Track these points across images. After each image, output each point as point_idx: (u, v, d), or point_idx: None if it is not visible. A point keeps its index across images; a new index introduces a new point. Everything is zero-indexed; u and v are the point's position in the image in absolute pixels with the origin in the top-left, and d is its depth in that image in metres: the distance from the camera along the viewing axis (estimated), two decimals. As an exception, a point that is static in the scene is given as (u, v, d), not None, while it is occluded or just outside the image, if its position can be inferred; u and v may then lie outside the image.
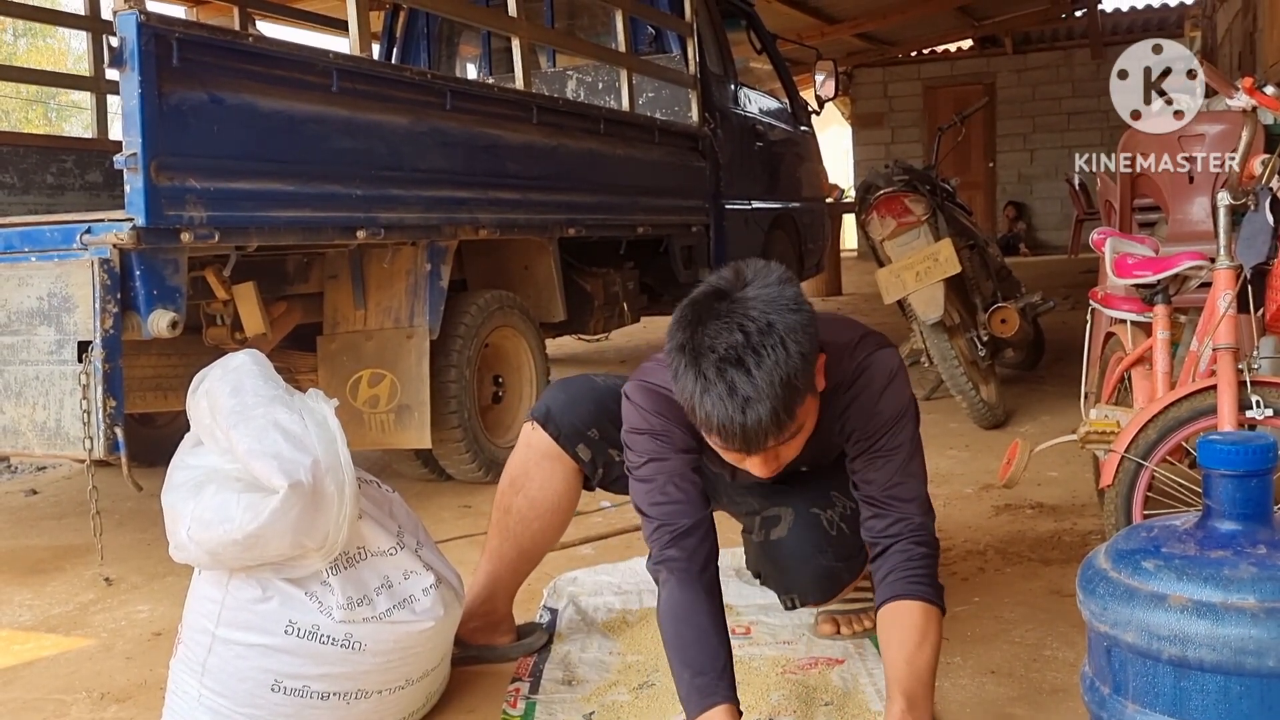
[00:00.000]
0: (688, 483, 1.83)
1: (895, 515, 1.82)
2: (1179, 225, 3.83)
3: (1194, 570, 1.16)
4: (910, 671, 1.69)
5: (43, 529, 3.57)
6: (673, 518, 1.81)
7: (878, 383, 1.83)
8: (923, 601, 1.75)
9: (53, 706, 2.13)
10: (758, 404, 1.54)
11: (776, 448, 1.64)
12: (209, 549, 1.65)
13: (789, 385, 1.55)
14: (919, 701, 1.67)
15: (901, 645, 1.72)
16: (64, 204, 4.23)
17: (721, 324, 1.57)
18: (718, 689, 1.68)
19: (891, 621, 1.76)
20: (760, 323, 1.56)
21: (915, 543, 1.80)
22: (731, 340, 1.55)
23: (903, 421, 1.84)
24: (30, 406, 2.52)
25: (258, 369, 1.81)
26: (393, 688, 1.82)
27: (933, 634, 1.73)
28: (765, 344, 1.55)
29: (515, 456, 2.18)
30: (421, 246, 3.44)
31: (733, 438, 1.58)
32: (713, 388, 1.55)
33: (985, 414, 4.27)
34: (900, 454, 1.83)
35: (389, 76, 3.32)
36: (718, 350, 1.55)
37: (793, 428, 1.61)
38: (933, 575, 1.79)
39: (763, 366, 1.54)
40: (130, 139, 2.48)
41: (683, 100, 5.47)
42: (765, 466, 1.68)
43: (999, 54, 14.89)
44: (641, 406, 1.85)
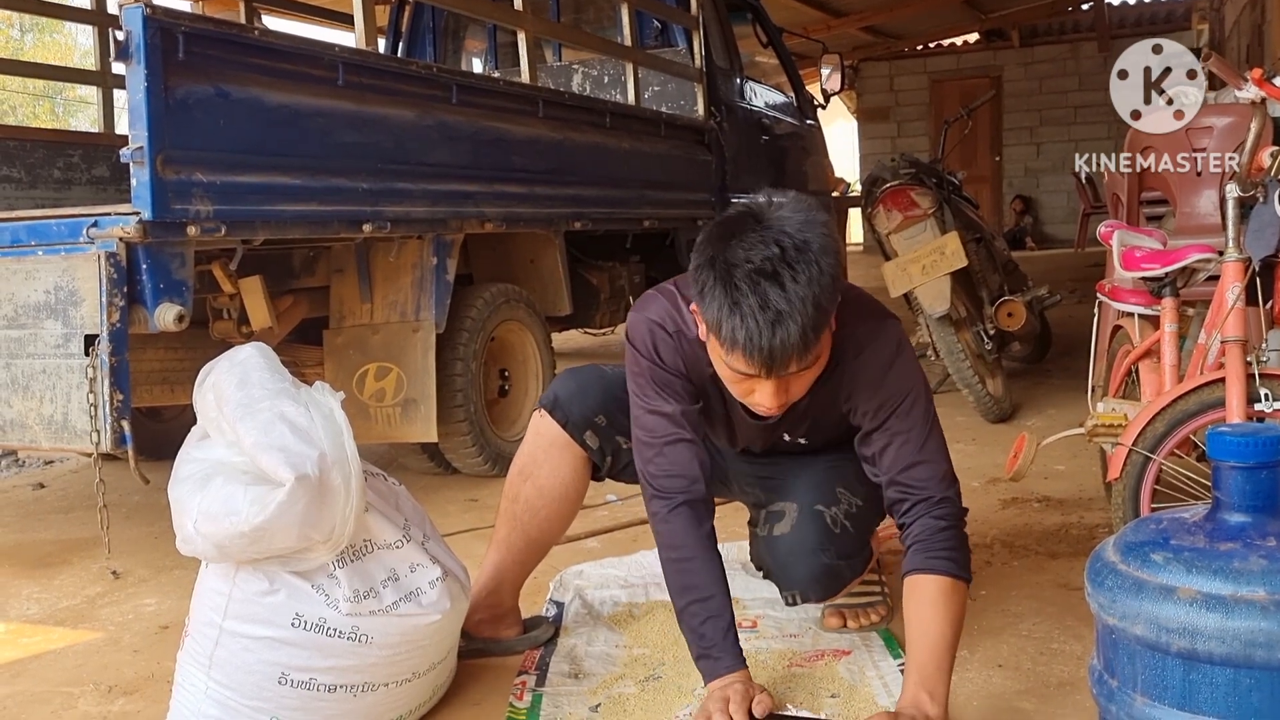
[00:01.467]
0: (687, 450, 1.86)
1: (915, 496, 1.81)
2: (1187, 218, 3.83)
3: (1203, 563, 1.16)
4: (925, 645, 1.71)
5: (50, 523, 3.58)
6: (674, 485, 1.86)
7: (885, 353, 1.81)
8: (938, 575, 1.75)
9: (60, 699, 2.13)
10: (789, 319, 1.54)
11: (791, 375, 1.64)
12: (216, 542, 1.65)
13: (819, 305, 1.56)
14: (930, 671, 1.69)
15: (918, 620, 1.74)
16: (71, 198, 4.23)
17: (756, 237, 1.57)
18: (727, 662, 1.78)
19: (909, 597, 1.78)
20: (796, 239, 1.57)
21: (934, 517, 1.79)
22: (767, 253, 1.55)
23: (912, 398, 1.82)
24: (37, 400, 2.53)
25: (264, 362, 1.81)
26: (399, 680, 1.82)
27: (948, 606, 1.74)
28: (801, 260, 1.56)
29: (524, 445, 2.19)
30: (427, 240, 3.44)
31: (758, 353, 1.56)
32: (745, 300, 1.55)
33: (991, 408, 4.26)
34: (914, 434, 1.81)
35: (395, 70, 3.31)
36: (753, 261, 1.55)
37: (814, 352, 1.62)
38: (952, 547, 1.78)
39: (798, 281, 1.54)
40: (136, 133, 2.47)
41: (689, 94, 5.46)
42: (776, 396, 1.66)
43: (1005, 47, 14.86)
44: (638, 347, 1.87)
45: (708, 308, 1.60)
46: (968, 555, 1.81)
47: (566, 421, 2.12)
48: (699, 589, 1.83)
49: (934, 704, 1.66)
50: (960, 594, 1.77)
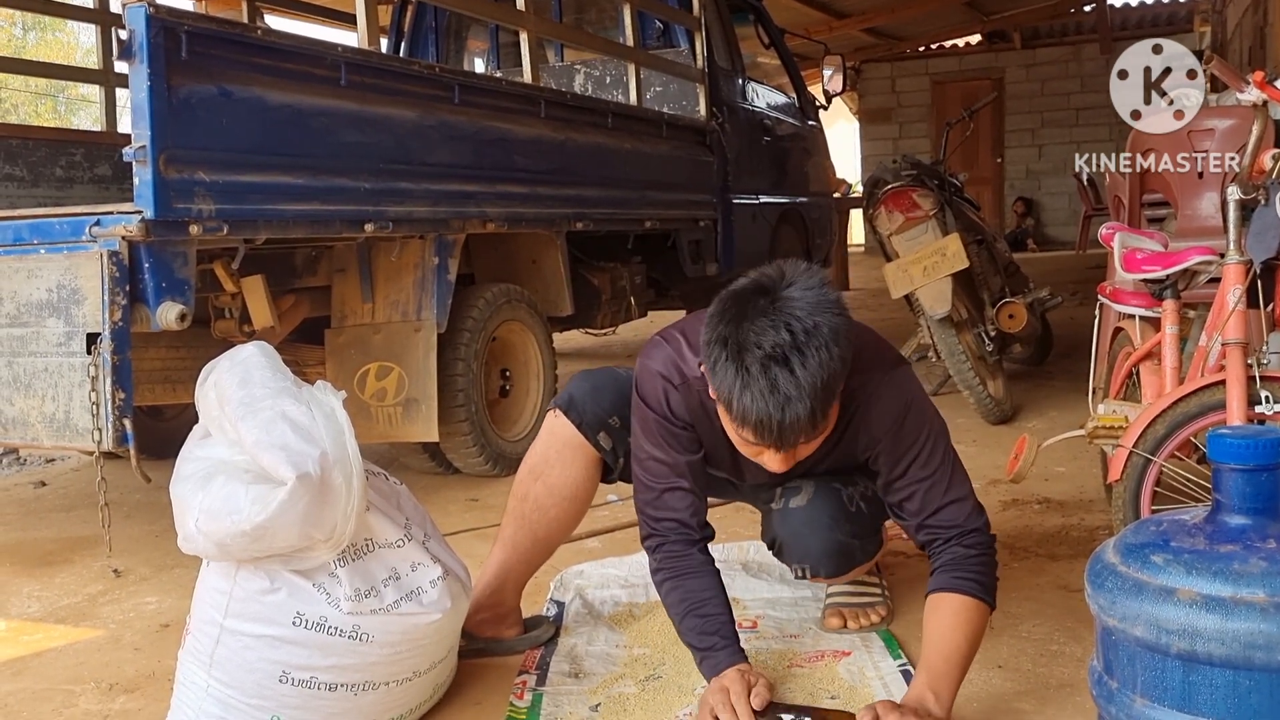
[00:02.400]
0: (686, 496, 1.94)
1: (946, 534, 1.86)
2: (1188, 220, 3.83)
3: (1203, 564, 1.16)
4: (938, 650, 1.75)
5: (51, 521, 3.59)
6: (668, 528, 1.94)
7: (897, 402, 1.85)
8: (960, 594, 1.79)
9: (61, 697, 2.13)
10: (798, 403, 1.58)
11: (800, 445, 1.69)
12: (217, 540, 1.65)
13: (828, 388, 1.61)
14: (939, 674, 1.72)
15: (935, 630, 1.78)
16: (73, 197, 4.24)
17: (767, 321, 1.60)
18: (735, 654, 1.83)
19: (929, 613, 1.82)
20: (806, 324, 1.60)
21: (965, 546, 1.85)
22: (778, 339, 1.59)
23: (931, 444, 1.86)
24: (39, 398, 2.53)
25: (266, 361, 1.82)
26: (400, 679, 1.82)
27: (967, 621, 1.77)
28: (811, 345, 1.59)
29: (537, 445, 2.19)
30: (429, 240, 3.44)
31: (767, 434, 1.62)
32: (754, 383, 1.59)
33: (992, 409, 4.26)
34: (937, 477, 1.86)
35: (397, 70, 3.32)
36: (764, 347, 1.59)
37: (821, 427, 1.66)
38: (979, 573, 1.82)
39: (807, 367, 1.58)
40: (139, 131, 2.48)
41: (690, 95, 5.46)
42: (784, 463, 1.72)
43: (1007, 49, 14.87)
44: (644, 399, 1.93)
45: (719, 383, 1.65)
46: (994, 581, 1.85)
47: (581, 422, 2.12)
48: (696, 597, 1.89)
49: (938, 705, 1.69)
50: (981, 615, 1.80)
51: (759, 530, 2.28)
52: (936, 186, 4.37)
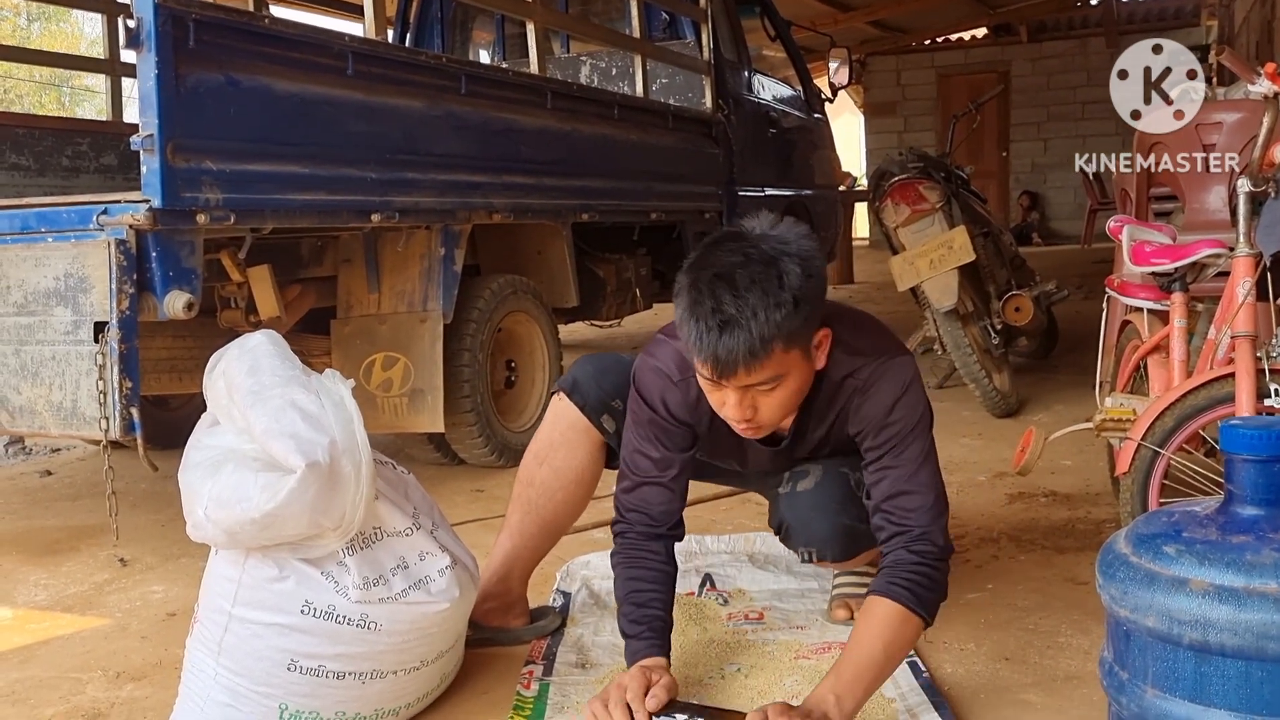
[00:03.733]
0: (665, 491, 1.94)
1: (896, 526, 1.81)
2: (1196, 214, 3.81)
3: (1216, 555, 1.16)
4: (853, 656, 1.69)
5: (57, 509, 3.59)
6: (640, 520, 1.94)
7: (893, 389, 1.83)
8: (893, 601, 1.72)
9: (69, 685, 2.14)
10: (735, 325, 1.59)
11: (752, 390, 1.68)
12: (226, 528, 1.65)
13: (771, 317, 1.59)
14: (847, 680, 1.65)
15: (857, 634, 1.72)
16: (79, 186, 4.24)
17: (729, 247, 1.64)
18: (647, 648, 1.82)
19: (861, 612, 1.78)
20: (765, 253, 1.62)
21: (911, 551, 1.77)
22: (731, 260, 1.62)
23: (914, 433, 1.83)
24: (46, 387, 2.53)
25: (274, 349, 1.81)
26: (407, 668, 1.82)
27: (892, 630, 1.70)
28: (764, 273, 1.61)
29: (541, 430, 2.20)
30: (435, 230, 3.44)
31: (707, 355, 1.62)
32: (702, 301, 1.61)
33: (998, 402, 4.26)
34: (908, 466, 1.82)
35: (404, 60, 3.32)
36: (715, 267, 1.62)
37: (767, 367, 1.64)
38: (917, 583, 1.74)
39: (752, 290, 1.59)
40: (147, 120, 2.48)
41: (696, 86, 5.45)
42: (740, 409, 1.70)
43: (1013, 42, 14.82)
44: (641, 393, 1.93)
45: (675, 311, 1.67)
46: (934, 595, 1.76)
47: (584, 405, 2.12)
48: (637, 586, 1.89)
49: (838, 711, 1.62)
50: (909, 626, 1.73)
51: (765, 522, 2.29)
52: (943, 179, 4.36)
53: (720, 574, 2.54)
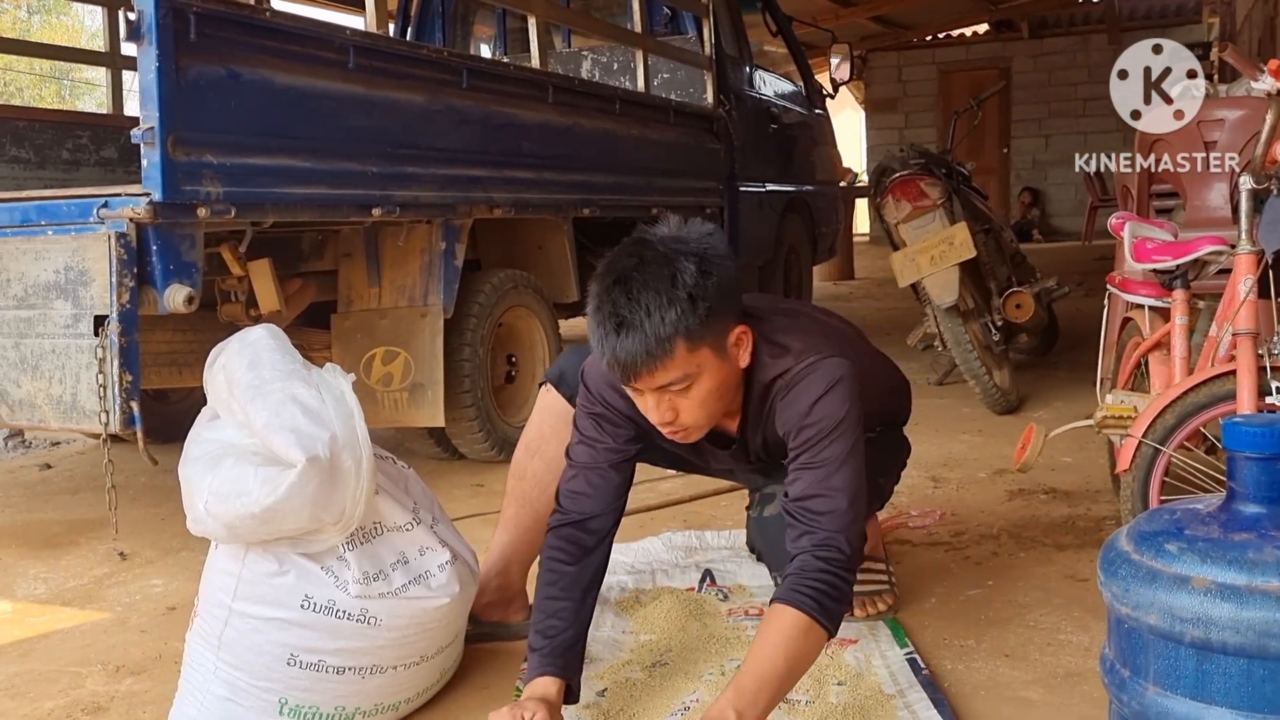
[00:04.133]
0: (601, 478, 1.88)
1: (803, 527, 1.72)
2: (1197, 211, 3.81)
3: (1218, 553, 1.15)
4: (752, 669, 1.61)
5: (57, 503, 3.59)
6: (575, 507, 1.88)
7: (815, 389, 1.76)
8: (797, 610, 1.64)
9: (68, 678, 2.14)
10: (628, 328, 1.60)
11: (668, 393, 1.68)
12: (226, 522, 1.65)
13: (666, 316, 1.60)
14: (748, 695, 1.58)
15: (758, 646, 1.64)
16: (79, 179, 4.23)
17: (627, 251, 1.66)
18: (548, 665, 1.74)
19: (765, 619, 1.68)
20: (660, 254, 1.64)
21: (816, 556, 1.68)
22: (627, 264, 1.63)
23: (832, 436, 1.75)
24: (46, 380, 2.53)
25: (275, 343, 1.81)
26: (407, 663, 1.82)
27: (793, 641, 1.63)
28: (657, 273, 1.62)
29: (531, 422, 2.20)
30: (436, 225, 3.44)
31: (608, 358, 1.64)
32: (601, 306, 1.64)
33: (998, 399, 4.26)
34: (826, 468, 1.74)
35: (405, 54, 3.32)
36: (614, 273, 1.64)
37: (671, 366, 1.64)
38: (821, 591, 1.65)
39: (643, 292, 1.60)
40: (147, 113, 2.47)
41: (698, 82, 5.45)
42: (659, 411, 1.70)
43: (1015, 39, 14.80)
44: (590, 388, 1.92)
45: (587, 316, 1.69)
46: (837, 604, 1.67)
47: (572, 395, 2.11)
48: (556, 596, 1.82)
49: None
50: (812, 636, 1.64)
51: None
52: (944, 175, 4.35)
53: (720, 570, 2.53)
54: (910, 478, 3.38)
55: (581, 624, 1.82)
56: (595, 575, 1.87)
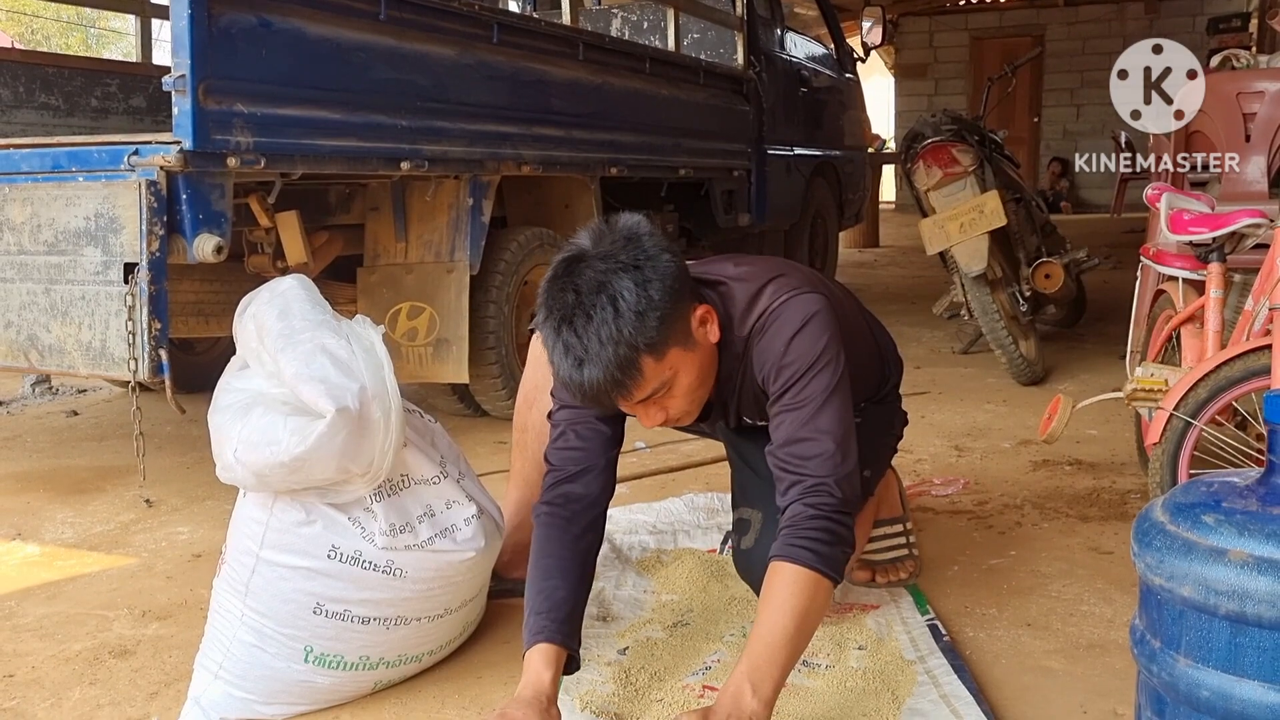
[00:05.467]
0: (590, 430, 1.83)
1: (792, 476, 1.68)
2: (1233, 184, 3.76)
3: (1256, 526, 1.14)
4: (762, 636, 1.57)
5: (84, 449, 3.62)
6: (565, 464, 1.83)
7: (790, 326, 1.73)
8: (796, 565, 1.59)
9: (96, 621, 2.16)
10: (588, 364, 1.59)
11: (649, 402, 1.66)
12: (255, 470, 1.66)
13: (620, 344, 1.57)
14: (762, 663, 1.55)
15: (764, 608, 1.60)
16: (107, 127, 4.23)
17: (560, 285, 1.62)
18: (543, 628, 1.67)
19: (766, 582, 1.62)
20: (591, 284, 1.60)
21: (807, 504, 1.64)
22: (566, 301, 1.60)
23: (812, 372, 1.71)
24: (76, 326, 2.54)
25: (305, 294, 1.81)
26: (431, 616, 1.83)
27: (798, 598, 1.58)
28: (593, 305, 1.59)
29: (526, 372, 2.19)
30: (464, 181, 3.42)
31: (578, 394, 1.63)
32: (556, 347, 1.61)
33: (1024, 369, 4.23)
34: (807, 408, 1.69)
35: (437, 7, 3.28)
36: (557, 313, 1.61)
37: (645, 382, 1.62)
38: (817, 538, 1.61)
39: (590, 327, 1.58)
40: (179, 61, 2.46)
41: (728, 42, 5.40)
42: (649, 418, 1.69)
43: (1050, 5, 14.58)
44: None
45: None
46: (837, 550, 1.62)
47: None
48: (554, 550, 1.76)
49: (755, 698, 1.52)
50: (817, 589, 1.59)
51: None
52: (976, 142, 4.30)
53: (742, 532, 2.53)
54: (934, 445, 3.38)
55: (583, 587, 1.75)
56: (594, 538, 1.82)
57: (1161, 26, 13.19)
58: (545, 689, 1.61)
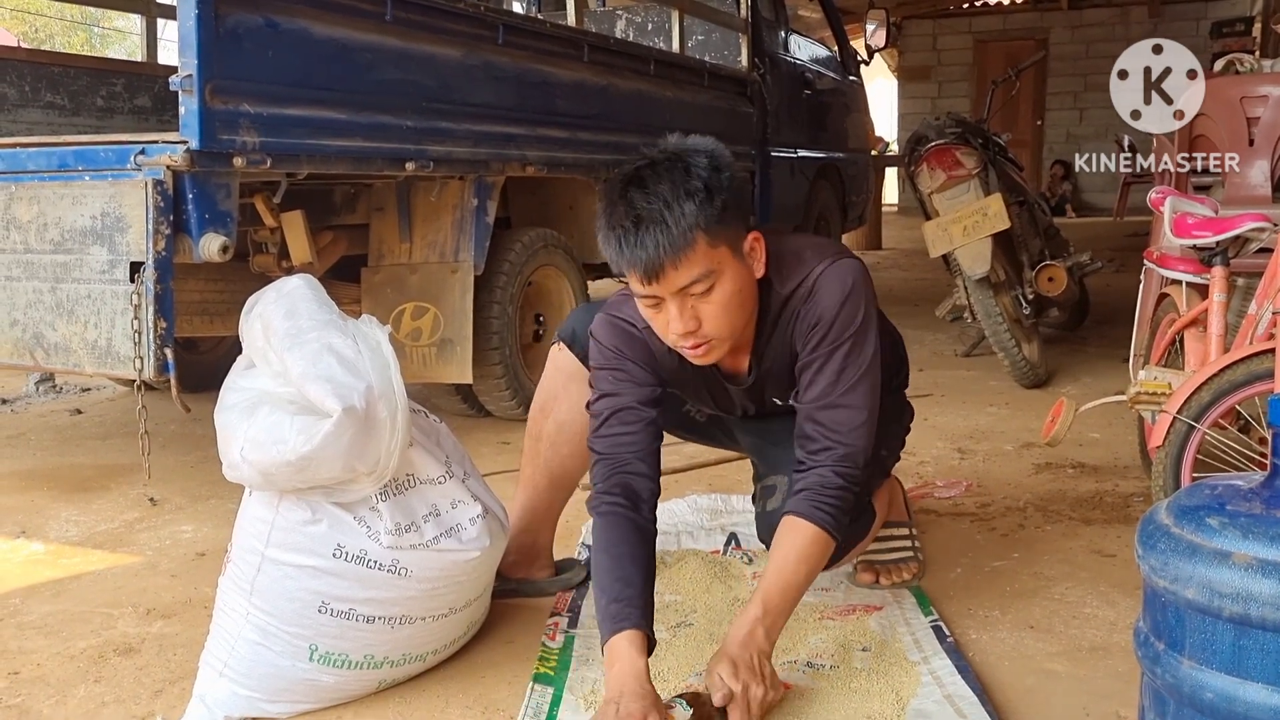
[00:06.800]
0: (635, 416, 1.84)
1: (823, 441, 1.77)
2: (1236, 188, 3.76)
3: (1260, 529, 1.14)
4: (777, 581, 1.71)
5: (88, 448, 3.63)
6: (617, 451, 1.83)
7: (838, 291, 1.77)
8: (817, 526, 1.73)
9: (100, 619, 2.17)
10: (650, 220, 1.59)
11: (689, 297, 1.65)
12: (262, 469, 1.66)
13: (685, 206, 1.60)
14: (774, 609, 1.70)
15: (782, 558, 1.73)
16: (113, 126, 4.24)
17: (635, 160, 1.66)
18: (628, 615, 1.66)
19: (782, 533, 1.76)
20: (669, 152, 1.65)
21: (835, 473, 1.76)
22: (637, 165, 1.64)
23: (856, 338, 1.77)
24: (82, 325, 2.55)
25: (312, 293, 1.82)
26: (436, 615, 1.83)
27: (812, 557, 1.74)
28: (667, 167, 1.62)
29: (544, 382, 2.19)
30: (469, 181, 3.43)
31: (629, 258, 1.62)
32: (615, 208, 1.63)
33: (1027, 372, 4.23)
34: (846, 374, 1.77)
35: (442, 8, 3.29)
36: (623, 177, 1.64)
37: (694, 261, 1.62)
38: (838, 507, 1.75)
39: (660, 183, 1.61)
40: (186, 61, 2.47)
41: (733, 44, 5.40)
42: (682, 319, 1.67)
43: (1053, 9, 14.59)
44: (600, 341, 1.90)
45: (598, 237, 1.68)
46: (848, 521, 1.79)
47: (584, 354, 2.10)
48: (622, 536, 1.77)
49: (766, 639, 1.67)
50: (827, 550, 1.76)
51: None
52: (980, 145, 4.31)
53: (745, 533, 2.54)
54: (936, 448, 3.38)
55: (653, 574, 1.77)
56: (654, 527, 1.83)
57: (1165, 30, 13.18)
58: (644, 674, 1.62)
